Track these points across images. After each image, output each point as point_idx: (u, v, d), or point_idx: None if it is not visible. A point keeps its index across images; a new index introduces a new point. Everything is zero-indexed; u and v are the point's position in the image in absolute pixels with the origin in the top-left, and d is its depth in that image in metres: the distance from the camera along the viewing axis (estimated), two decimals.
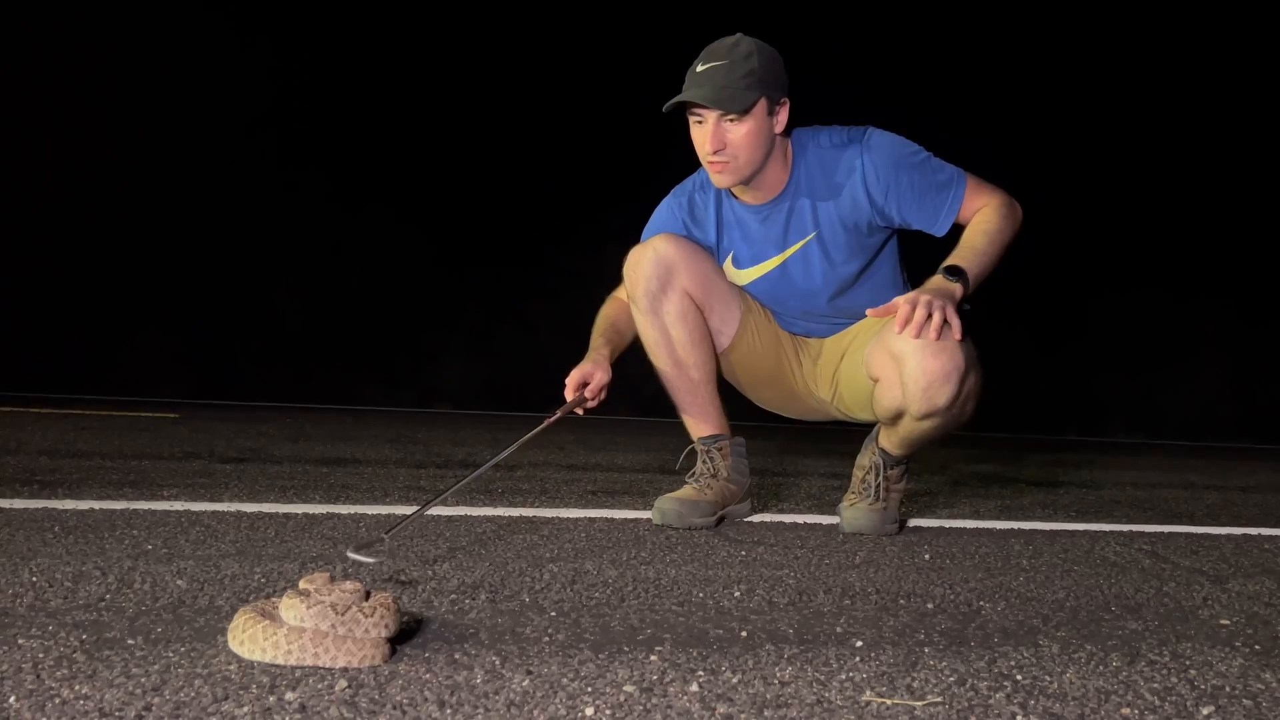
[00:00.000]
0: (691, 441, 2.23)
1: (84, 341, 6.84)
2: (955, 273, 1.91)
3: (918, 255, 2.16)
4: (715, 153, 1.98)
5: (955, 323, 1.85)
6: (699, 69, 1.97)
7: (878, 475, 2.12)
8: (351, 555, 1.38)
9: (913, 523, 2.31)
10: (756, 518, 2.27)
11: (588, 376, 2.07)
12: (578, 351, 2.14)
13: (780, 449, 4.31)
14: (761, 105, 1.97)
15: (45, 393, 5.83)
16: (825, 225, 2.08)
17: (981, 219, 2.01)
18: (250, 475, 2.58)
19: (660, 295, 2.12)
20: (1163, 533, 2.38)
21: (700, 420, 2.21)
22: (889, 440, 2.11)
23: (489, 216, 7.65)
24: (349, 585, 1.09)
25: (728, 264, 2.19)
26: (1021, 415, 7.11)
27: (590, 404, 2.08)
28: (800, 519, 2.28)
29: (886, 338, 1.92)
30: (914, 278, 2.15)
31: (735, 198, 2.12)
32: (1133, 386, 8.61)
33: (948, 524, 2.34)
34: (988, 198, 2.03)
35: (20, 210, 6.61)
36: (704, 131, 1.99)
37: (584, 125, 7.42)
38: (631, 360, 2.22)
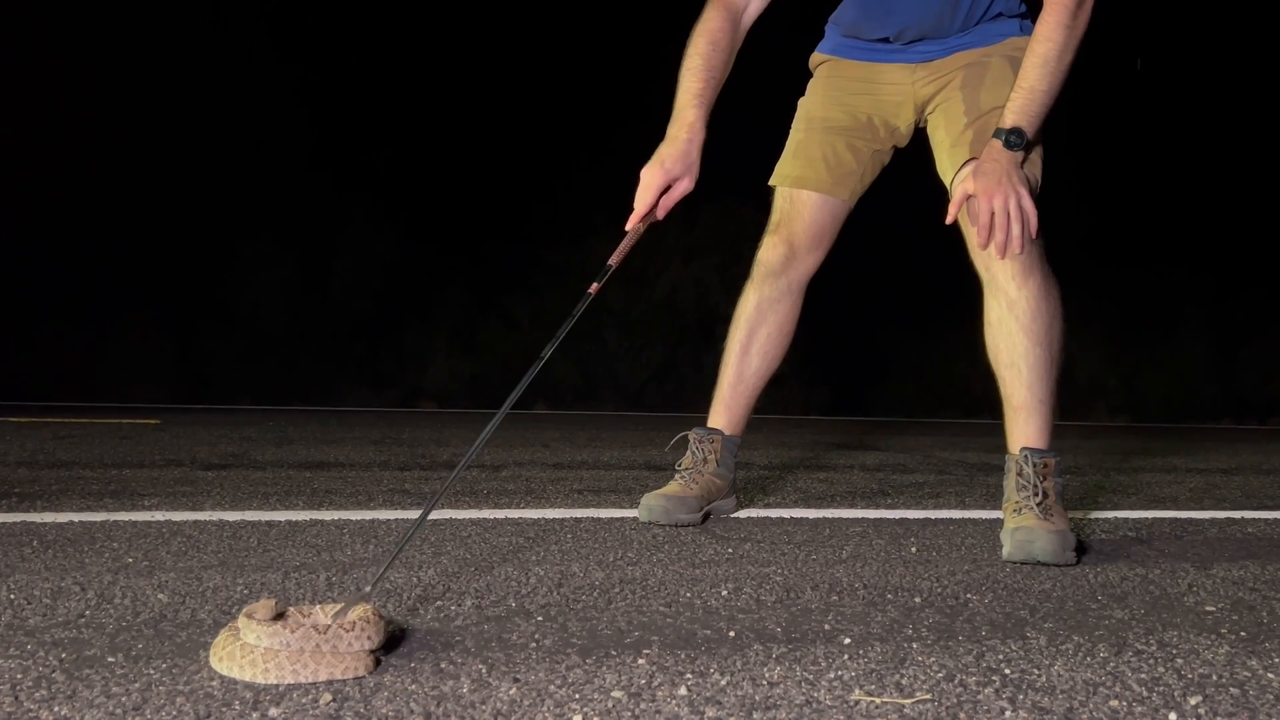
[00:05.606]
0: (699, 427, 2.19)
1: (63, 347, 6.77)
2: (1016, 136, 1.75)
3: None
4: None
5: (1029, 208, 1.75)
6: None
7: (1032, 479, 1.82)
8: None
9: (899, 514, 2.31)
10: (743, 513, 2.26)
11: (671, 178, 1.72)
12: (562, 346, 2.00)
13: (765, 441, 4.30)
14: None
15: (24, 401, 5.77)
16: None
17: (1042, 38, 1.78)
18: (233, 482, 2.56)
19: (784, 292, 2.09)
20: (1147, 519, 2.39)
21: (722, 411, 2.19)
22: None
23: (468, 214, 7.63)
24: (306, 608, 1.09)
25: None
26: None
27: (660, 217, 1.72)
28: (787, 513, 2.28)
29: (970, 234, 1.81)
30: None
31: None
32: (1114, 369, 8.66)
33: (934, 515, 2.34)
34: None
35: None
36: None
37: (565, 121, 7.40)
38: (624, 354, 2.14)
